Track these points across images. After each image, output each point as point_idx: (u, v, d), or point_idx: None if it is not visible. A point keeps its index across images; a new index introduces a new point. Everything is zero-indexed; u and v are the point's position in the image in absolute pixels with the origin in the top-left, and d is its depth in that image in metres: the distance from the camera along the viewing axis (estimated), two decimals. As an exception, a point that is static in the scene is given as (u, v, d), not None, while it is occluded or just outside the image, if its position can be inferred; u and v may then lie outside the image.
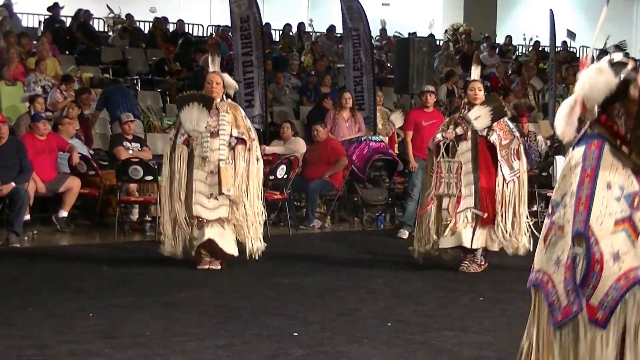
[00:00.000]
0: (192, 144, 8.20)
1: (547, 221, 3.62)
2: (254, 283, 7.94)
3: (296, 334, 6.08)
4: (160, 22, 18.65)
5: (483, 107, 8.44)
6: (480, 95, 8.53)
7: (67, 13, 18.41)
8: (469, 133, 8.43)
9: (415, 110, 11.67)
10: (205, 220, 8.23)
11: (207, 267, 8.36)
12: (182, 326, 6.24)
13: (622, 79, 3.55)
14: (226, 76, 8.62)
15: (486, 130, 8.39)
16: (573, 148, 3.67)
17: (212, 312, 6.72)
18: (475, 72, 8.81)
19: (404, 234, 10.83)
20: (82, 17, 17.69)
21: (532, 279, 3.64)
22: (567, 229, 3.49)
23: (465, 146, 8.47)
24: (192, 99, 8.23)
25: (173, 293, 7.37)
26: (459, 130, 8.44)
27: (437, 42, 20.74)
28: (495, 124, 8.40)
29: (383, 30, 21.66)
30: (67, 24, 18.10)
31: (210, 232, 8.24)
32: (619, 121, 3.61)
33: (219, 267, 8.39)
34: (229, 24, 14.68)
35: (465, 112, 8.48)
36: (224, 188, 8.15)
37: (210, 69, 8.46)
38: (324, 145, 11.94)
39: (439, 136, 8.52)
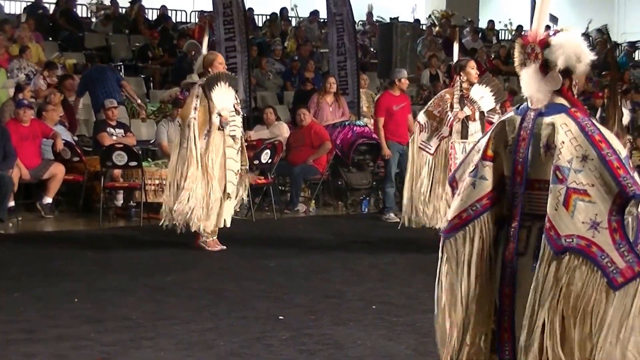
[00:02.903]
0: (224, 123, 8.29)
1: (559, 186, 3.48)
2: (240, 266, 7.97)
3: (282, 316, 6.12)
4: (139, 7, 18.48)
5: (483, 87, 8.58)
6: (477, 74, 8.68)
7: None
8: (477, 114, 8.54)
9: (384, 95, 11.52)
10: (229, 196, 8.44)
11: (219, 248, 8.55)
12: (168, 309, 6.27)
13: None
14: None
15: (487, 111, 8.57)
16: (539, 116, 3.61)
17: (199, 295, 6.75)
18: (456, 48, 9.13)
19: (392, 217, 10.81)
20: (65, 3, 17.58)
21: (562, 245, 3.45)
22: (594, 193, 3.43)
23: (475, 127, 8.53)
24: (220, 78, 8.29)
25: (159, 276, 7.40)
26: (467, 111, 8.49)
27: (421, 27, 20.74)
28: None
29: (369, 15, 21.64)
30: (50, 11, 18.00)
31: (231, 207, 8.48)
32: (574, 90, 3.66)
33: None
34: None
35: (462, 90, 8.54)
36: (244, 166, 8.50)
37: (204, 51, 8.57)
38: (308, 130, 11.95)
39: (450, 115, 8.48)
